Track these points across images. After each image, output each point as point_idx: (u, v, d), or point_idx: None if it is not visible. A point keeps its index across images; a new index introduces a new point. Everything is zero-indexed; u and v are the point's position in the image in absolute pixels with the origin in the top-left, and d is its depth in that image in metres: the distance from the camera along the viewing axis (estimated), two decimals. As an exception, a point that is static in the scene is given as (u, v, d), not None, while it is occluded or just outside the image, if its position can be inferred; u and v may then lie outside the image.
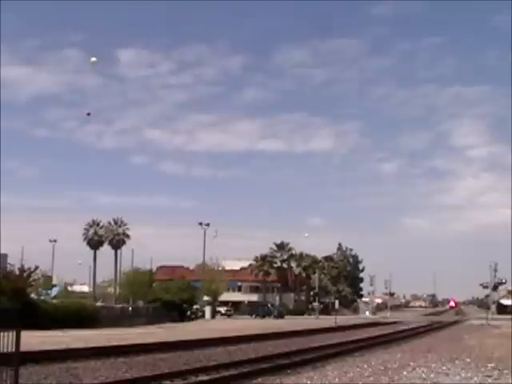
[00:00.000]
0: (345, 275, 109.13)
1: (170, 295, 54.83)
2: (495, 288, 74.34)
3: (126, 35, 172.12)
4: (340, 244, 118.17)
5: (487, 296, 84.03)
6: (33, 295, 42.58)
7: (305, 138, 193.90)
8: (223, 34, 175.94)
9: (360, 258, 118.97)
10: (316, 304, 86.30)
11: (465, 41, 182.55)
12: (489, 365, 17.76)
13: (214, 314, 68.60)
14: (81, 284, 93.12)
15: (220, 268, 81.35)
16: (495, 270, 71.01)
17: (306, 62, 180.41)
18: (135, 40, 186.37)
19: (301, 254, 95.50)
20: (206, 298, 72.01)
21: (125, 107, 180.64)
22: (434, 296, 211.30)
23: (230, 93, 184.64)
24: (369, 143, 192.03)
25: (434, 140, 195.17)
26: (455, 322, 62.71)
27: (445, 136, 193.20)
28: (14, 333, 9.92)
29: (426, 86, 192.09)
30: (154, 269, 79.26)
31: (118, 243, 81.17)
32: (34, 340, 20.80)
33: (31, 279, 40.59)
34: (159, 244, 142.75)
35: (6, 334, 9.90)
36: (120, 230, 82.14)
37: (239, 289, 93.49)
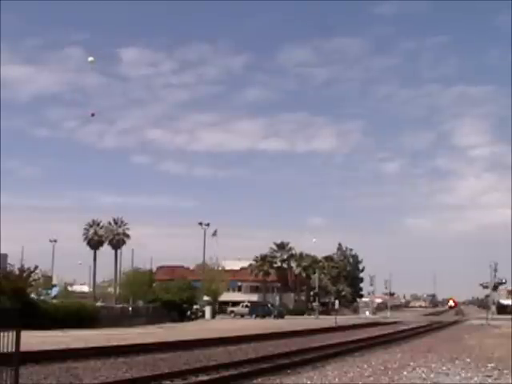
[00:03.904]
0: (345, 275, 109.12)
1: (170, 295, 54.84)
2: (495, 288, 74.32)
3: (128, 34, 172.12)
4: (340, 244, 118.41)
5: (487, 296, 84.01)
6: (33, 295, 42.62)
7: (307, 137, 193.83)
8: (225, 33, 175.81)
9: (360, 258, 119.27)
10: (316, 304, 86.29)
11: (468, 40, 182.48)
12: (489, 365, 17.76)
13: (215, 314, 68.58)
14: (81, 284, 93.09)
15: (220, 268, 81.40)
16: (495, 270, 70.97)
17: (308, 61, 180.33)
18: (137, 39, 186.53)
19: (301, 254, 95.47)
20: (205, 297, 72.03)
21: (126, 107, 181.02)
22: (434, 296, 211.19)
23: (232, 92, 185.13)
24: (371, 143, 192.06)
25: (436, 140, 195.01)
26: (455, 322, 62.69)
27: (447, 136, 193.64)
28: (14, 333, 9.92)
29: (429, 85, 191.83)
30: (154, 269, 79.29)
31: (118, 243, 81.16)
32: (33, 340, 20.80)
33: (31, 279, 40.60)
34: (159, 244, 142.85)
35: (5, 334, 9.90)
36: (120, 230, 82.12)
37: (239, 289, 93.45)
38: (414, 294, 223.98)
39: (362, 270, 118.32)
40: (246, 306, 75.28)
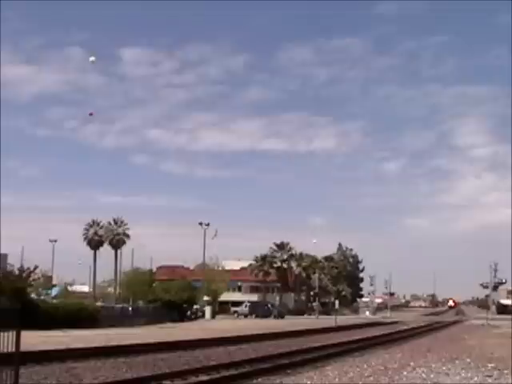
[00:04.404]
0: (345, 275, 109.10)
1: (170, 295, 54.81)
2: (495, 288, 74.26)
3: (129, 34, 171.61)
4: (340, 244, 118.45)
5: (487, 296, 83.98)
6: (33, 295, 42.64)
7: (307, 137, 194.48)
8: (226, 32, 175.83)
9: (360, 258, 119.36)
10: (316, 304, 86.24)
11: (468, 40, 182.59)
12: (489, 365, 17.76)
13: (215, 314, 68.55)
14: (81, 284, 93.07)
15: (220, 268, 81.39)
16: (495, 270, 71.00)
17: (309, 60, 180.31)
18: (138, 39, 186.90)
19: (301, 254, 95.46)
20: (206, 297, 72.02)
21: (127, 106, 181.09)
22: (434, 296, 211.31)
23: (233, 92, 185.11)
24: (371, 143, 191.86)
25: (436, 140, 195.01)
26: (455, 322, 62.70)
27: (447, 136, 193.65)
28: (14, 333, 9.92)
29: (429, 85, 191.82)
30: (154, 269, 79.33)
31: (118, 243, 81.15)
32: (34, 340, 20.81)
33: (31, 279, 40.59)
34: (159, 244, 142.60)
35: (5, 334, 9.90)
36: (120, 230, 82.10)
37: (239, 289, 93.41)
38: (414, 294, 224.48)
39: (362, 270, 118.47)
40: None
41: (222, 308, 79.78)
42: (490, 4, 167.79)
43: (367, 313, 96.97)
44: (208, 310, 66.53)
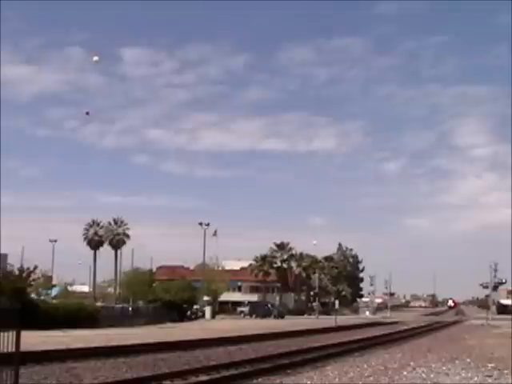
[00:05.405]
0: (345, 275, 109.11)
1: (170, 295, 54.81)
2: (495, 288, 74.23)
3: (129, 34, 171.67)
4: (340, 244, 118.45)
5: (487, 296, 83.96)
6: (33, 295, 42.64)
7: (307, 137, 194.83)
8: (226, 32, 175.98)
9: (360, 258, 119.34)
10: (316, 304, 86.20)
11: (468, 40, 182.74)
12: (489, 365, 17.76)
13: (215, 314, 68.54)
14: (81, 284, 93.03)
15: (220, 268, 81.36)
16: (495, 270, 70.93)
17: (309, 60, 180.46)
18: (138, 39, 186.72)
19: (301, 254, 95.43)
20: (206, 298, 72.01)
21: (127, 106, 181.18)
22: (434, 296, 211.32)
23: (233, 92, 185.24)
24: (371, 143, 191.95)
25: (436, 140, 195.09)
26: (455, 322, 62.70)
27: (447, 135, 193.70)
28: (14, 333, 9.92)
29: (429, 85, 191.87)
30: (154, 269, 79.27)
31: (118, 243, 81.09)
32: (34, 340, 20.80)
33: (31, 279, 40.61)
34: (159, 244, 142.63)
35: (5, 334, 9.90)
36: (120, 230, 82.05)
37: (239, 289, 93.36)
38: (414, 294, 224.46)
39: (362, 270, 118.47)
40: None
41: (221, 308, 79.79)
42: (489, 4, 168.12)
43: (367, 313, 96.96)
44: (208, 310, 66.49)
